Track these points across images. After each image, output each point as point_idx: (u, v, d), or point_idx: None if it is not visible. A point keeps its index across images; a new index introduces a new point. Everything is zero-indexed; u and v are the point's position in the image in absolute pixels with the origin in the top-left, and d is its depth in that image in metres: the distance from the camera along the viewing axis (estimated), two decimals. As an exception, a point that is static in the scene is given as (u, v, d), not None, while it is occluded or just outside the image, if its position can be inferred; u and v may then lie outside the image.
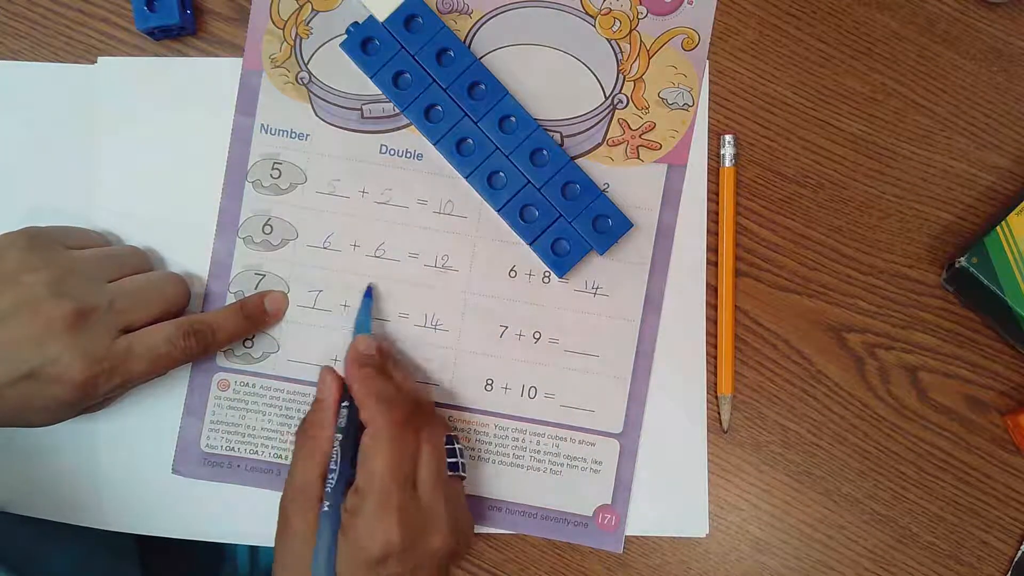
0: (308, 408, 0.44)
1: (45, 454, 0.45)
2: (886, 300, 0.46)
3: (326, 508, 0.38)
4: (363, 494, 0.37)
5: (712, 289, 0.46)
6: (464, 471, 0.41)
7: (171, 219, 0.46)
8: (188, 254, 0.46)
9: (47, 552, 0.46)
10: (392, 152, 0.46)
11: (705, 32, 0.46)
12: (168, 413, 0.45)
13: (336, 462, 0.39)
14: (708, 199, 0.46)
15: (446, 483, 0.39)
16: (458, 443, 0.41)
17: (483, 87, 0.44)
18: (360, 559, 0.37)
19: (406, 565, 0.37)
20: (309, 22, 0.45)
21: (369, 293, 0.45)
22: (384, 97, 0.45)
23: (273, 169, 0.46)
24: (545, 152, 0.44)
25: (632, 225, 0.44)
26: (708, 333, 0.46)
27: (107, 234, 0.45)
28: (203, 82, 0.46)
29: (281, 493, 0.40)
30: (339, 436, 0.40)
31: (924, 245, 0.46)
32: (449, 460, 0.40)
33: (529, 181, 0.44)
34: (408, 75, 0.44)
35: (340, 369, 0.44)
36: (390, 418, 0.38)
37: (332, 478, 0.39)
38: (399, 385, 0.41)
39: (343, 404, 0.41)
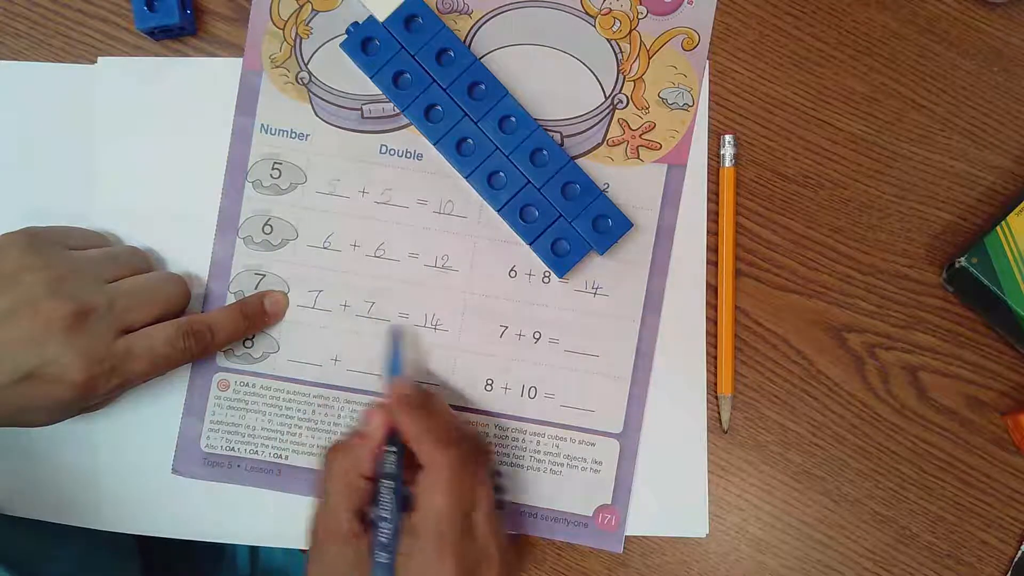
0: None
1: (45, 454, 0.45)
2: (886, 300, 0.46)
3: (384, 560, 0.37)
4: (418, 537, 0.37)
5: (712, 289, 0.46)
6: (506, 506, 0.41)
7: (171, 219, 0.46)
8: (188, 254, 0.46)
9: (47, 552, 0.46)
10: (392, 152, 0.46)
11: (705, 32, 0.46)
12: (168, 413, 0.45)
13: (389, 511, 0.38)
14: (708, 199, 0.46)
15: (497, 521, 0.39)
16: (502, 476, 0.41)
17: (483, 87, 0.44)
18: None
19: None
20: (309, 22, 0.45)
21: (397, 334, 0.44)
22: (384, 97, 0.45)
23: (273, 169, 0.46)
24: (545, 152, 0.44)
25: (632, 225, 0.44)
26: (708, 333, 0.46)
27: (107, 234, 0.45)
28: (203, 82, 0.46)
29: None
30: (389, 483, 0.38)
31: (924, 245, 0.46)
32: (496, 497, 0.40)
33: (529, 181, 0.44)
34: (408, 75, 0.44)
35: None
36: (450, 459, 0.37)
37: (387, 528, 0.37)
38: (448, 423, 0.40)
39: (391, 448, 0.39)
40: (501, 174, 0.44)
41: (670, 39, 0.46)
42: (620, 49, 0.46)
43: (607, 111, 0.46)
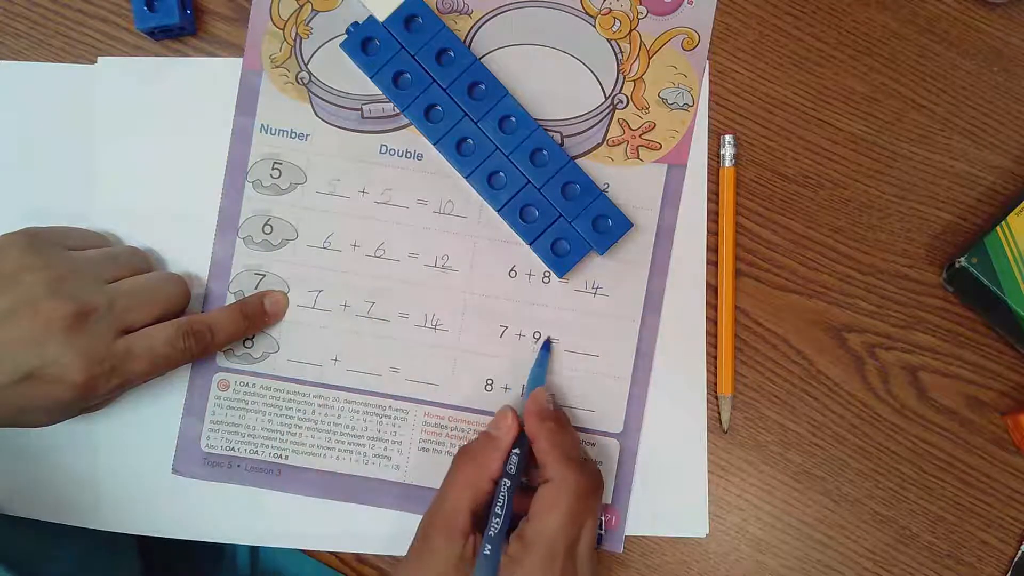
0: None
1: (45, 454, 0.45)
2: (886, 300, 0.46)
3: (487, 551, 0.38)
4: (529, 545, 0.37)
5: (712, 289, 0.46)
6: (601, 542, 0.42)
7: (171, 219, 0.46)
8: (188, 254, 0.46)
9: (47, 552, 0.46)
10: (392, 152, 0.46)
11: (705, 32, 0.46)
12: (168, 413, 0.45)
13: (503, 507, 0.39)
14: (708, 199, 0.46)
15: (596, 559, 0.40)
16: (603, 515, 0.42)
17: (483, 87, 0.44)
18: None
19: None
20: (309, 22, 0.45)
21: (547, 347, 0.45)
22: (384, 97, 0.45)
23: (273, 169, 0.46)
24: (545, 152, 0.44)
25: (632, 225, 0.44)
26: (708, 333, 0.46)
27: (107, 234, 0.45)
28: (203, 82, 0.46)
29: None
30: (508, 482, 0.39)
31: (924, 245, 0.46)
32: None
33: (529, 181, 0.44)
34: (408, 75, 0.44)
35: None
36: (576, 479, 0.38)
37: (497, 523, 0.38)
38: (577, 446, 0.41)
39: (515, 451, 0.41)
40: (501, 174, 0.44)
41: (670, 39, 0.46)
42: (620, 49, 0.46)
43: (607, 111, 0.46)
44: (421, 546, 0.39)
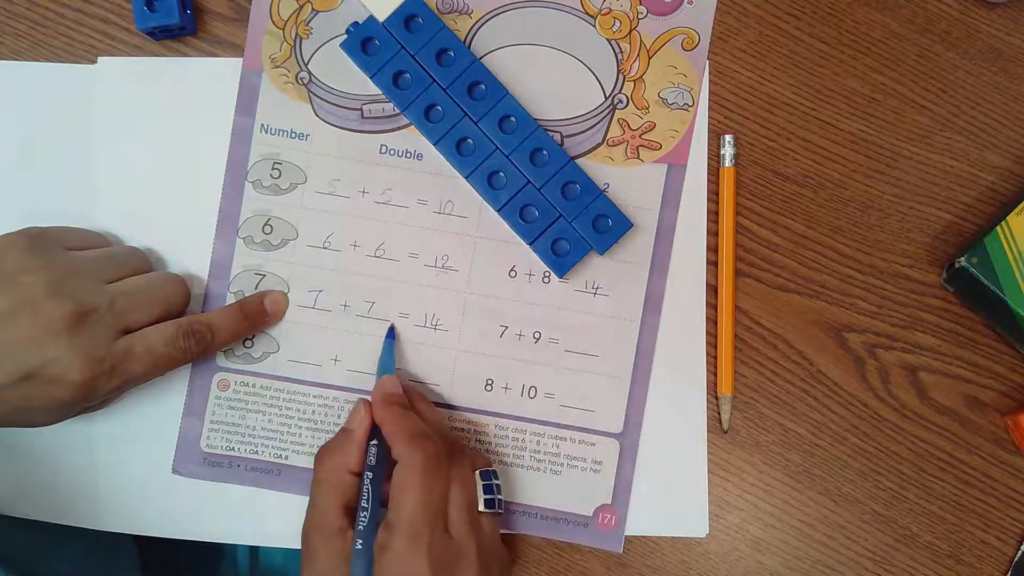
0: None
1: (45, 454, 0.45)
2: (886, 300, 0.46)
3: (359, 546, 0.38)
4: (393, 530, 0.37)
5: (712, 289, 0.46)
6: (501, 507, 0.41)
7: (171, 219, 0.46)
8: (188, 254, 0.46)
9: (47, 552, 0.46)
10: (392, 152, 0.46)
11: (705, 32, 0.46)
12: (168, 413, 0.45)
13: (368, 500, 0.39)
14: (708, 199, 0.46)
15: (478, 520, 0.39)
16: (496, 479, 0.41)
17: (483, 87, 0.44)
18: None
19: None
20: (309, 22, 0.45)
21: (391, 334, 0.45)
22: (384, 97, 0.45)
23: (273, 169, 0.46)
24: (545, 152, 0.44)
25: (632, 225, 0.44)
26: (708, 333, 0.46)
27: (107, 234, 0.45)
28: (203, 82, 0.46)
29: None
30: (369, 474, 0.40)
31: (924, 245, 0.46)
32: (486, 496, 0.40)
33: (529, 181, 0.44)
34: (408, 75, 0.44)
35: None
36: (421, 454, 0.38)
37: (364, 516, 0.39)
38: (428, 422, 0.41)
39: (372, 442, 0.41)
40: (501, 174, 0.44)
41: (670, 39, 0.46)
42: (620, 49, 0.46)
43: (607, 111, 0.46)
44: (304, 553, 0.39)
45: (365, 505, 0.39)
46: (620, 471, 0.46)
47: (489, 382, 0.46)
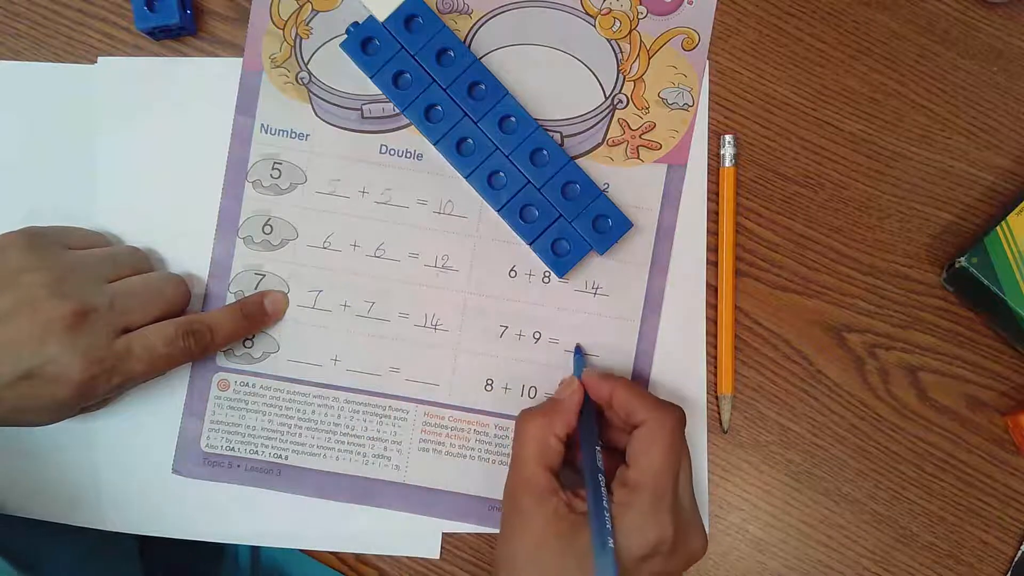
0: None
1: (45, 454, 0.45)
2: (886, 300, 0.46)
3: (611, 545, 0.36)
4: (635, 488, 0.37)
5: (712, 289, 0.46)
6: None
7: (171, 219, 0.46)
8: (188, 254, 0.46)
9: (47, 552, 0.46)
10: (392, 152, 0.46)
11: (705, 32, 0.46)
12: (168, 413, 0.45)
13: (598, 464, 0.38)
14: (708, 199, 0.46)
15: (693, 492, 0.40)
16: None
17: (483, 87, 0.44)
18: (629, 553, 0.36)
19: (669, 563, 0.37)
20: (309, 22, 0.45)
21: (579, 351, 0.45)
22: (384, 97, 0.45)
23: (273, 169, 0.46)
24: (545, 152, 0.44)
25: (632, 225, 0.44)
26: (708, 333, 0.46)
27: (107, 234, 0.45)
28: (203, 82, 0.46)
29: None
30: (591, 439, 0.39)
31: (924, 245, 0.46)
32: None
33: (529, 181, 0.44)
34: (408, 75, 0.44)
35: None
36: (672, 417, 0.38)
37: (602, 479, 0.38)
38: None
39: (589, 410, 0.41)
40: (501, 174, 0.44)
41: (670, 39, 0.46)
42: (620, 49, 0.46)
43: (607, 111, 0.46)
44: (511, 512, 0.39)
45: (600, 467, 0.38)
46: (620, 471, 0.46)
47: (489, 382, 0.46)
